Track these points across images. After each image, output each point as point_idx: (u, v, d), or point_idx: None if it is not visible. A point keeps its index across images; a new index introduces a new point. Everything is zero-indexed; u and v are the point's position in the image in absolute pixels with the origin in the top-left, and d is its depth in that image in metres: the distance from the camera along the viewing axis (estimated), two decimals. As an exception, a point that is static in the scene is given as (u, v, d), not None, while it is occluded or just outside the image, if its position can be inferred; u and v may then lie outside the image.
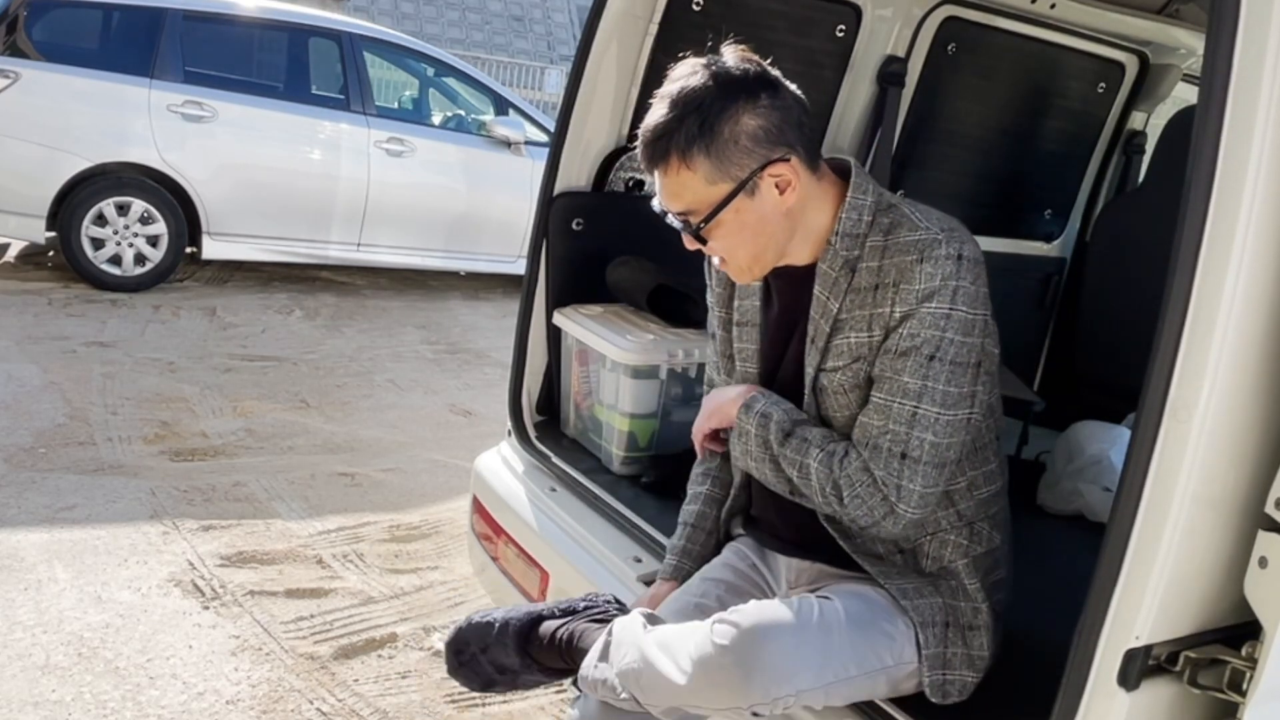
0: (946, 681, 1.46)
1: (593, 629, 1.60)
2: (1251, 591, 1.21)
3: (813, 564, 1.60)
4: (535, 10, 20.66)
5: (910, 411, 1.37)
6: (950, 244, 1.37)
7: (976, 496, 1.52)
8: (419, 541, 3.34)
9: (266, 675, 2.52)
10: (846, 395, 1.44)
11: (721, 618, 1.37)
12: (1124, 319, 2.43)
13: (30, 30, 5.57)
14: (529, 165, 6.63)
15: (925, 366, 1.36)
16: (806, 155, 1.42)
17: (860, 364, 1.42)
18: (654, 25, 2.36)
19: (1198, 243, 1.12)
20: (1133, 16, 2.72)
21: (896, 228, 1.41)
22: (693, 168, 1.37)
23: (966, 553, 1.50)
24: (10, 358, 4.51)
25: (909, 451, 1.37)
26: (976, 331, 1.39)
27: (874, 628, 1.43)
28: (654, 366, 2.25)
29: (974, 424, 1.43)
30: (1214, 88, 1.11)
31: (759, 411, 1.50)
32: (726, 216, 1.40)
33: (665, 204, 1.44)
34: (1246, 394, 1.17)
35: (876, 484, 1.38)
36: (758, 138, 1.38)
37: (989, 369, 1.44)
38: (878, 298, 1.40)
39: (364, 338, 5.65)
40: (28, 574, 2.82)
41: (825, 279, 1.45)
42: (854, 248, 1.43)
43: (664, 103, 1.38)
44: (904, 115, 2.79)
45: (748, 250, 1.44)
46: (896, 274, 1.38)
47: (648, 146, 1.40)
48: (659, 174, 1.41)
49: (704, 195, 1.39)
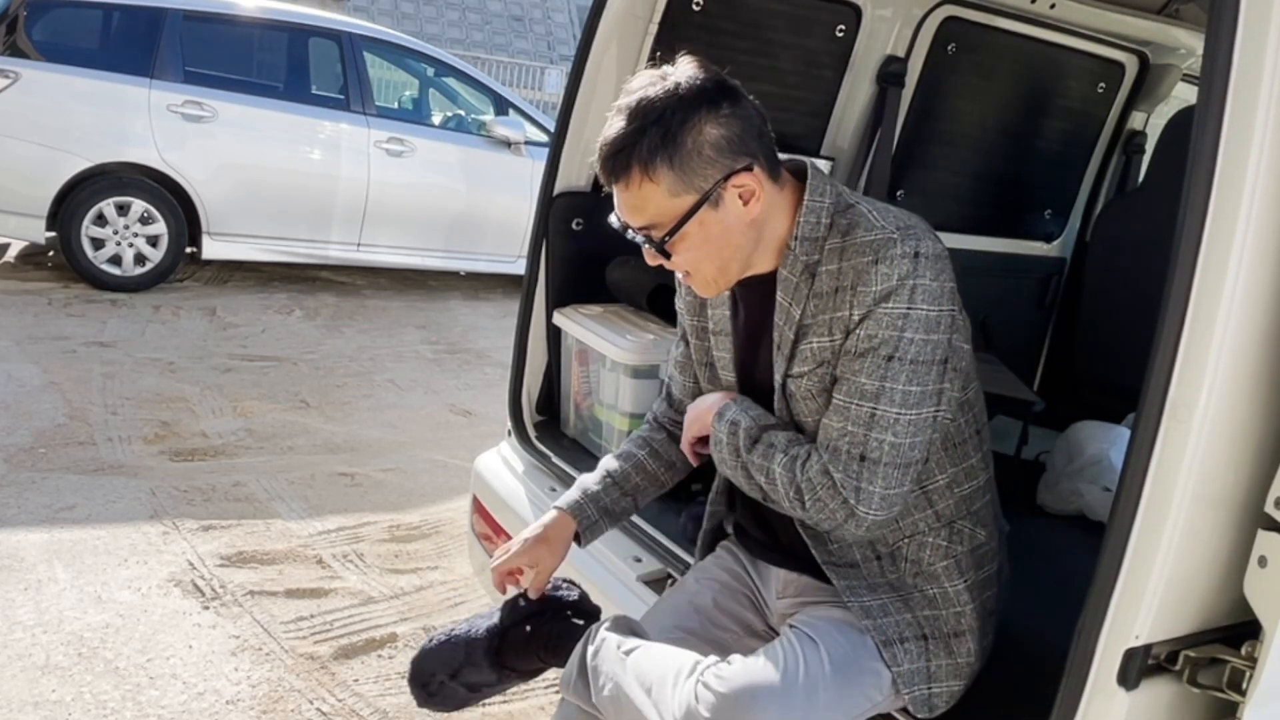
0: (933, 695, 1.45)
1: (567, 629, 1.60)
2: (1251, 591, 1.21)
3: (799, 575, 1.58)
4: (535, 10, 20.66)
5: (868, 413, 1.35)
6: (905, 242, 1.34)
7: (957, 494, 1.50)
8: (419, 541, 3.34)
9: (266, 675, 2.52)
10: (815, 400, 1.43)
11: (706, 681, 1.35)
12: (1124, 319, 2.44)
13: (30, 30, 5.57)
14: (529, 165, 6.63)
15: (883, 367, 1.34)
16: (768, 164, 1.40)
17: (825, 368, 1.41)
18: (654, 25, 2.36)
19: (1197, 243, 1.12)
20: (1133, 16, 2.72)
21: (854, 228, 1.39)
22: (656, 180, 1.34)
23: (947, 554, 1.49)
24: (10, 358, 4.51)
25: (868, 453, 1.35)
26: (941, 328, 1.36)
27: (859, 669, 1.42)
28: (654, 366, 2.25)
29: (941, 422, 1.40)
30: (1214, 88, 1.11)
31: (729, 419, 1.48)
32: (690, 229, 1.37)
33: (626, 218, 1.40)
34: (1246, 394, 1.17)
35: (836, 487, 1.35)
36: (720, 147, 1.35)
37: (957, 365, 1.41)
38: (837, 301, 1.38)
39: (364, 338, 5.65)
40: (28, 574, 2.82)
41: (787, 285, 1.43)
42: (813, 251, 1.41)
43: (622, 115, 1.35)
44: (904, 115, 2.79)
45: (712, 263, 1.42)
46: (854, 276, 1.36)
47: (608, 160, 1.36)
48: (619, 188, 1.38)
49: (667, 208, 1.36)
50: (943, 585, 1.48)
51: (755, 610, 1.65)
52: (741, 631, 1.63)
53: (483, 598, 2.85)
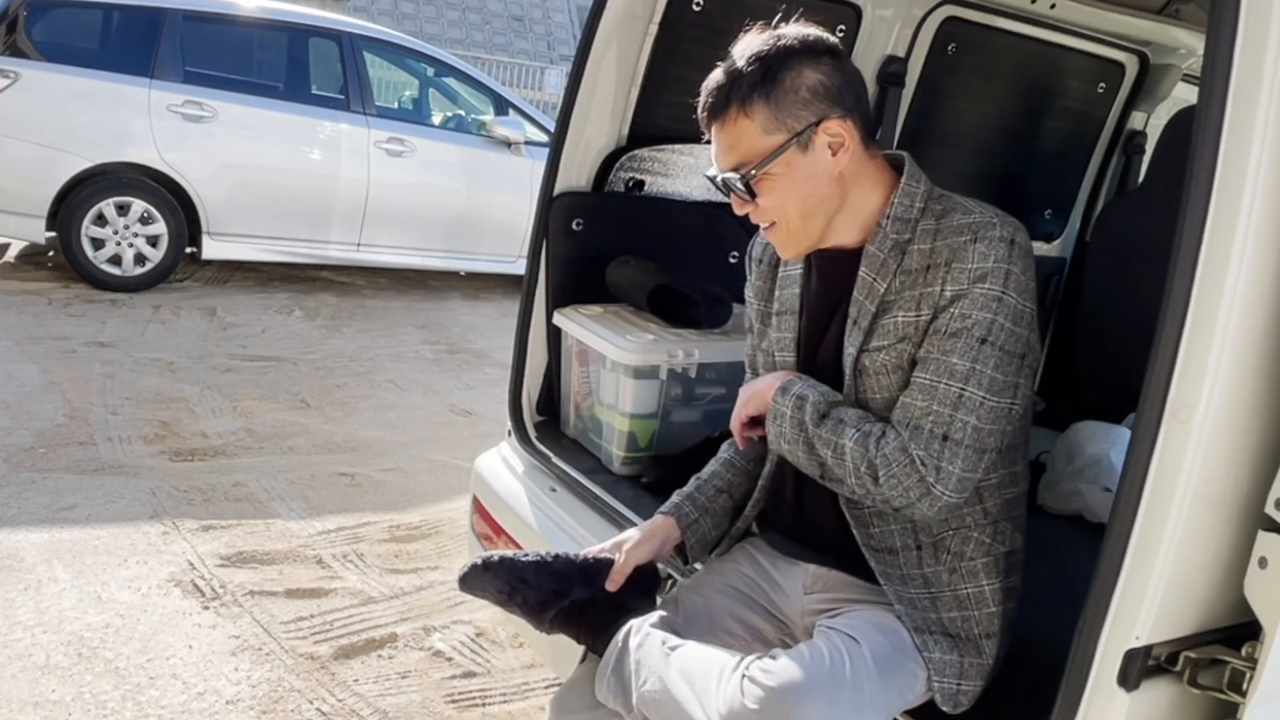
0: (960, 691, 1.44)
1: (611, 624, 1.56)
2: (1251, 591, 1.21)
3: (829, 570, 1.57)
4: (535, 10, 20.66)
5: (956, 393, 1.35)
6: (1004, 227, 1.37)
7: (1004, 496, 1.50)
8: (419, 541, 3.34)
9: (266, 675, 2.52)
10: (889, 376, 1.43)
11: (753, 675, 1.33)
12: (1124, 319, 2.43)
13: (30, 30, 5.57)
14: (529, 165, 6.63)
15: (975, 349, 1.34)
16: (863, 126, 1.42)
17: (905, 344, 1.41)
18: (654, 25, 2.36)
19: (1198, 243, 1.12)
20: (1133, 16, 2.72)
21: (949, 213, 1.42)
22: (751, 114, 1.37)
23: (989, 551, 1.48)
24: (10, 358, 4.51)
25: (951, 434, 1.35)
26: (1025, 323, 1.38)
27: (900, 668, 1.40)
28: (654, 366, 2.24)
29: (1015, 416, 1.41)
30: (1214, 88, 1.11)
31: (795, 393, 1.47)
32: (777, 169, 1.39)
33: (718, 162, 1.43)
34: (1246, 394, 1.17)
35: (914, 464, 1.35)
36: (817, 91, 1.38)
37: (1032, 364, 1.42)
38: (928, 278, 1.39)
39: (364, 338, 5.65)
40: (28, 574, 2.82)
41: (873, 260, 1.44)
42: (905, 231, 1.43)
43: (725, 62, 1.40)
44: (904, 115, 2.79)
45: (796, 209, 1.42)
46: (949, 254, 1.38)
47: (708, 98, 1.40)
48: (715, 129, 1.41)
49: (758, 145, 1.38)
50: (980, 583, 1.47)
51: (768, 616, 1.62)
52: (749, 638, 1.60)
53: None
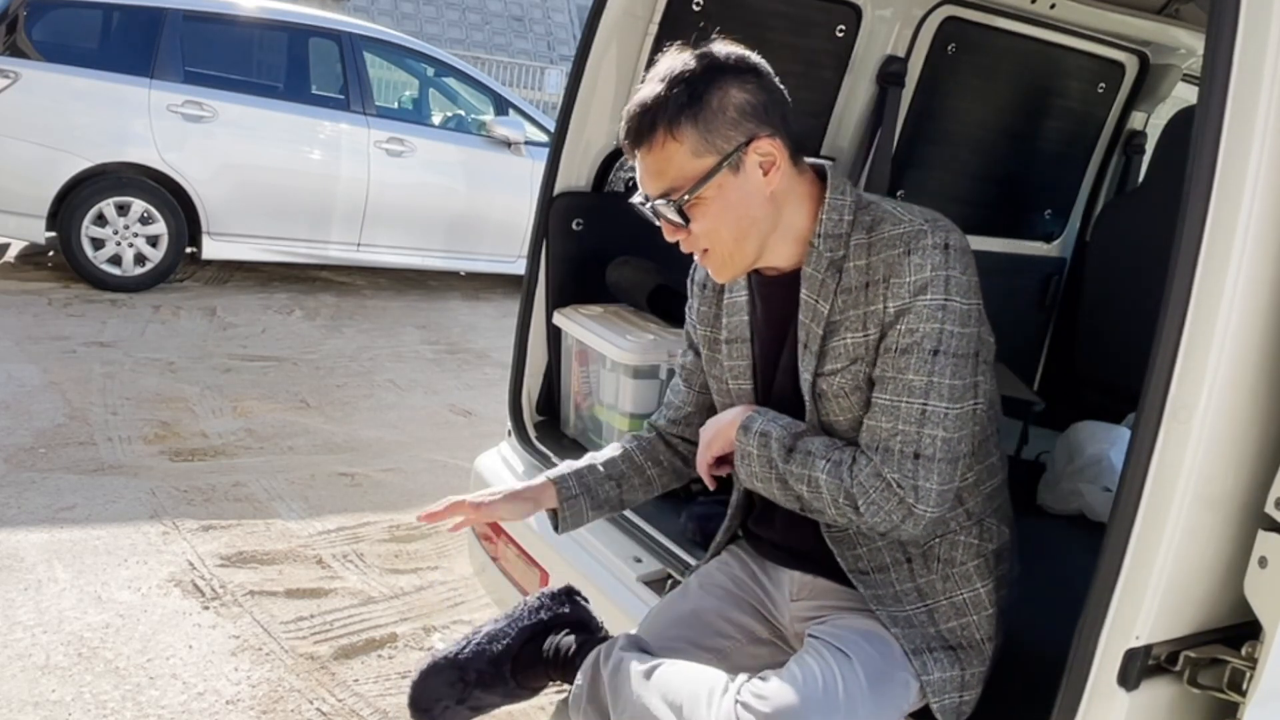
0: (962, 703, 1.44)
1: (579, 645, 1.57)
2: (1251, 591, 1.21)
3: (815, 578, 1.56)
4: (535, 10, 20.66)
5: (919, 409, 1.34)
6: (935, 234, 1.35)
7: (983, 492, 1.50)
8: (419, 541, 3.34)
9: (266, 675, 2.52)
10: (848, 398, 1.41)
11: (745, 700, 1.32)
12: (1124, 319, 2.43)
13: (30, 30, 5.56)
14: (529, 165, 6.62)
15: (930, 361, 1.33)
16: (790, 143, 1.40)
17: (859, 365, 1.39)
18: (654, 25, 2.36)
19: (1198, 243, 1.12)
20: (1133, 16, 2.73)
21: (879, 224, 1.39)
22: (679, 138, 1.35)
23: (979, 552, 1.47)
24: (10, 358, 4.51)
25: (921, 450, 1.33)
26: (972, 321, 1.37)
27: (891, 680, 1.40)
28: (654, 366, 2.25)
29: (980, 414, 1.41)
30: (1214, 88, 1.11)
31: (757, 431, 1.45)
32: (709, 193, 1.37)
33: (646, 187, 1.40)
34: (1246, 394, 1.17)
35: (891, 488, 1.34)
36: (745, 111, 1.36)
37: (987, 358, 1.41)
38: (869, 295, 1.37)
39: (364, 338, 5.65)
40: (28, 574, 2.82)
41: (812, 281, 1.43)
42: (838, 248, 1.41)
43: (651, 83, 1.37)
44: (904, 115, 2.79)
45: (730, 233, 1.40)
46: (885, 269, 1.36)
47: (633, 120, 1.37)
48: (642, 153, 1.38)
49: (688, 169, 1.36)
50: (974, 586, 1.47)
51: (760, 617, 1.62)
52: (744, 639, 1.60)
53: (483, 598, 2.85)
